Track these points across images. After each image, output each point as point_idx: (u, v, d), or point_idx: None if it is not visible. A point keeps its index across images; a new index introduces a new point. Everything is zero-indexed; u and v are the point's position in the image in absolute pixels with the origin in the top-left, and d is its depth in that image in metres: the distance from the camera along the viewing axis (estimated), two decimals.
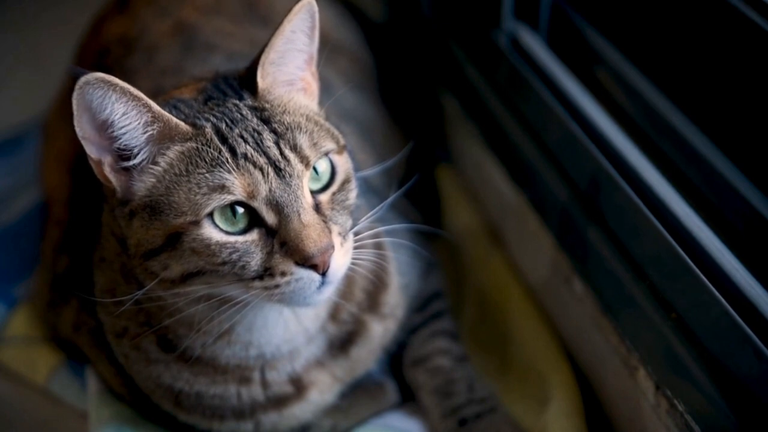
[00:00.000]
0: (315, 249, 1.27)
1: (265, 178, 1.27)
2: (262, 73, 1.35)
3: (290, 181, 1.29)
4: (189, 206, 1.27)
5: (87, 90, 1.23)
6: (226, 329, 1.42)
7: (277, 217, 1.29)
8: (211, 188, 1.26)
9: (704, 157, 1.51)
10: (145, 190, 1.31)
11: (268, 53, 1.34)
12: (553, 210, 1.75)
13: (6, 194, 2.18)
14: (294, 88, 1.40)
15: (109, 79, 1.24)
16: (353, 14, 2.21)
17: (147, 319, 1.46)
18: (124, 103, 1.26)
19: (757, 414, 1.28)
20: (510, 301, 1.84)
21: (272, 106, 1.35)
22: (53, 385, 1.76)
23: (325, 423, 1.63)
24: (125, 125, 1.27)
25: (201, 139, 1.29)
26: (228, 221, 1.28)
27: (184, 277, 1.31)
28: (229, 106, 1.33)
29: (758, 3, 1.41)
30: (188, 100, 1.35)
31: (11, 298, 1.92)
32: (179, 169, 1.29)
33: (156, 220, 1.29)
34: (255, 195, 1.27)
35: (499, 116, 1.93)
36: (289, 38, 1.35)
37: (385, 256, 1.59)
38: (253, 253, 1.29)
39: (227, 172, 1.27)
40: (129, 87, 1.25)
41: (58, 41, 2.23)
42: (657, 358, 1.46)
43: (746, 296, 1.35)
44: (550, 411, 1.63)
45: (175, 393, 1.52)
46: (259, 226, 1.29)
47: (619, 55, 1.73)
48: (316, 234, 1.28)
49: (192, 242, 1.28)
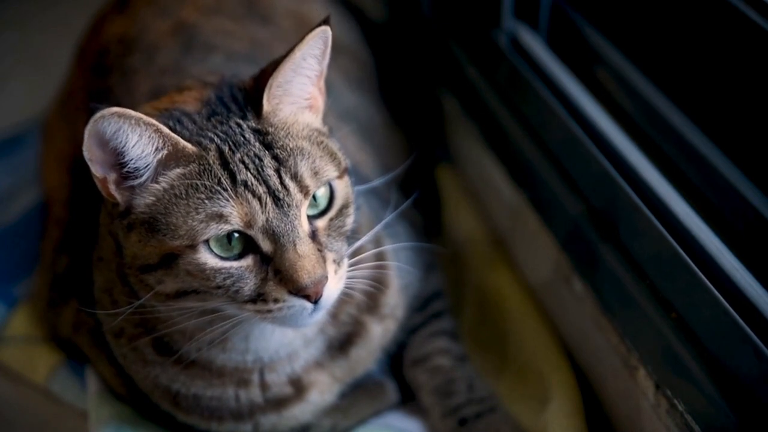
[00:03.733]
0: (309, 280, 1.28)
1: (263, 208, 1.27)
2: (269, 95, 1.33)
3: (288, 211, 1.28)
4: (186, 230, 1.27)
5: (101, 122, 1.23)
6: (222, 339, 1.42)
7: (273, 245, 1.29)
8: (209, 216, 1.26)
9: (704, 157, 1.50)
10: (144, 206, 1.31)
11: (276, 77, 1.32)
12: (553, 210, 1.75)
13: (6, 194, 2.18)
14: (299, 106, 1.38)
15: (123, 113, 1.23)
16: (353, 14, 2.20)
17: (142, 322, 1.46)
18: (138, 134, 1.25)
19: (757, 414, 1.28)
20: (510, 301, 1.84)
21: (275, 130, 1.33)
22: (53, 385, 1.76)
23: (325, 423, 1.63)
24: (137, 152, 1.27)
25: (203, 162, 1.28)
26: (223, 247, 1.29)
27: (178, 294, 1.32)
28: (232, 125, 1.32)
29: (758, 3, 1.41)
30: (192, 114, 1.34)
31: (11, 298, 1.92)
32: (179, 191, 1.28)
33: (153, 238, 1.29)
34: (252, 224, 1.27)
35: (499, 116, 1.93)
36: (299, 64, 1.33)
37: (385, 266, 1.58)
38: (247, 279, 1.29)
39: (225, 200, 1.26)
40: (142, 116, 1.24)
41: (58, 41, 2.23)
42: (657, 358, 1.46)
43: (746, 296, 1.35)
44: (550, 411, 1.63)
45: (173, 394, 1.52)
46: (255, 252, 1.30)
47: (619, 54, 1.73)
48: (311, 265, 1.28)
49: (187, 265, 1.28)
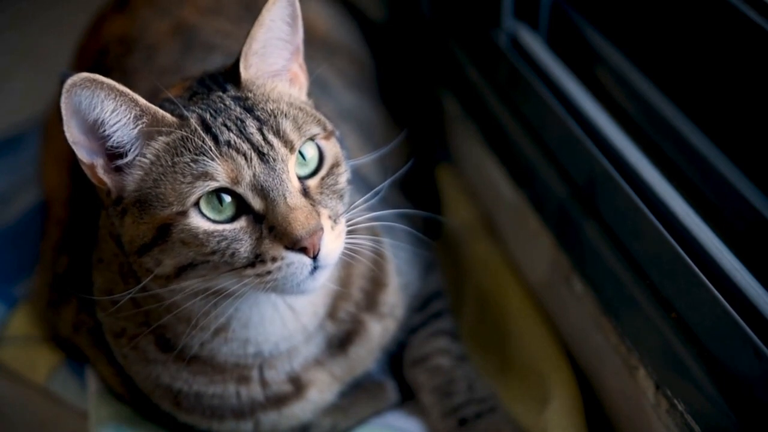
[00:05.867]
0: (303, 231, 1.27)
1: (249, 163, 1.28)
2: (245, 63, 1.36)
3: (275, 166, 1.29)
4: (175, 196, 1.27)
5: (74, 92, 1.24)
6: (223, 326, 1.42)
7: (264, 202, 1.29)
8: (195, 176, 1.27)
9: (704, 157, 1.50)
10: (134, 185, 1.31)
11: (250, 44, 1.35)
12: (552, 209, 1.75)
13: (6, 194, 2.18)
14: (279, 79, 1.40)
15: (94, 78, 1.24)
16: (353, 14, 2.21)
17: (145, 319, 1.46)
18: (112, 100, 1.26)
19: (757, 414, 1.28)
20: (510, 301, 1.84)
21: (255, 96, 1.36)
22: (53, 385, 1.76)
23: (325, 422, 1.63)
24: (116, 122, 1.28)
25: (186, 129, 1.30)
26: (215, 210, 1.29)
27: (177, 272, 1.31)
28: (213, 98, 1.34)
29: (758, 3, 1.41)
30: (173, 98, 1.36)
31: (11, 298, 1.92)
32: (165, 161, 1.29)
33: (146, 214, 1.30)
34: (239, 181, 1.27)
35: (499, 116, 1.93)
36: (270, 27, 1.36)
37: (383, 252, 1.58)
38: (242, 240, 1.29)
39: (210, 159, 1.27)
40: (115, 83, 1.26)
41: (58, 41, 2.23)
42: (657, 357, 1.46)
43: (746, 296, 1.35)
44: (550, 410, 1.63)
45: (174, 393, 1.52)
46: (247, 213, 1.29)
47: (619, 54, 1.73)
48: (304, 216, 1.28)
49: (181, 233, 1.28)
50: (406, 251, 1.70)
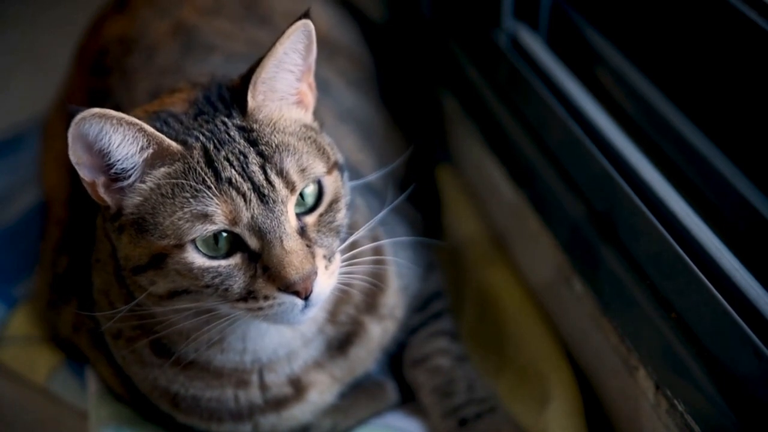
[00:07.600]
0: (297, 276, 1.27)
1: (248, 204, 1.27)
2: (253, 92, 1.33)
3: (274, 207, 1.28)
4: (173, 230, 1.27)
5: (83, 125, 1.23)
6: (218, 339, 1.42)
7: (260, 242, 1.28)
8: (194, 215, 1.26)
9: (704, 157, 1.50)
10: (133, 207, 1.31)
11: (260, 73, 1.32)
12: (553, 210, 1.75)
13: (6, 194, 2.18)
14: (287, 102, 1.38)
15: (104, 113, 1.23)
16: (353, 14, 2.20)
17: (140, 324, 1.46)
18: (120, 134, 1.26)
19: (757, 414, 1.28)
20: (510, 301, 1.84)
21: (261, 126, 1.33)
22: (53, 385, 1.76)
23: (325, 423, 1.63)
24: (122, 153, 1.28)
25: (188, 160, 1.29)
26: (210, 247, 1.29)
27: (171, 294, 1.32)
28: (218, 124, 1.32)
29: (758, 3, 1.41)
30: (179, 115, 1.34)
31: (11, 298, 1.92)
32: (165, 191, 1.29)
33: (142, 238, 1.30)
34: (237, 222, 1.27)
35: (499, 116, 1.93)
36: (282, 60, 1.33)
37: (384, 262, 1.58)
38: (236, 277, 1.29)
39: (210, 198, 1.26)
40: (123, 116, 1.25)
41: (58, 41, 2.23)
42: (657, 357, 1.46)
43: (746, 296, 1.35)
44: (550, 411, 1.63)
45: (172, 395, 1.52)
46: (243, 250, 1.29)
47: (619, 54, 1.73)
48: (299, 261, 1.28)
49: (176, 264, 1.28)
50: (407, 252, 1.69)
